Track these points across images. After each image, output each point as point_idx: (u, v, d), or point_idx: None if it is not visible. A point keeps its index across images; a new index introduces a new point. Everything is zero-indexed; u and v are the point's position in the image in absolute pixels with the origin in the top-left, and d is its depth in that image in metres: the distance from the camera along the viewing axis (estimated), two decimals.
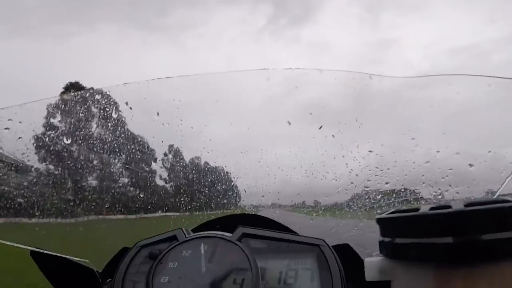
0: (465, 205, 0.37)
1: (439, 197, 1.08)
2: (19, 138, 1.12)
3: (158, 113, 1.22)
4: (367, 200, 1.18)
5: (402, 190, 1.17)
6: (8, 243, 0.83)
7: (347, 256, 0.76)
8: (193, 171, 1.57)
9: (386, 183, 1.15)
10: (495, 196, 0.90)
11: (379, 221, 0.46)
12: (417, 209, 0.41)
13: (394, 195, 1.17)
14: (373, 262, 0.45)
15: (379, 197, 1.17)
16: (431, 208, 0.39)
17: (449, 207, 0.37)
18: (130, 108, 1.24)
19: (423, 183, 1.11)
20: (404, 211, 0.42)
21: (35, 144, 1.22)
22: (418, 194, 1.15)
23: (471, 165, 1.04)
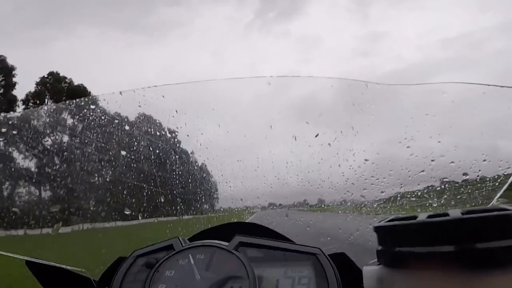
0: (463, 213, 0.37)
1: (435, 205, 1.08)
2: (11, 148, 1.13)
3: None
4: (363, 209, 1.19)
5: (398, 198, 1.18)
6: (4, 253, 0.82)
7: (344, 264, 0.76)
8: (190, 179, 1.57)
9: (382, 191, 1.15)
10: (490, 204, 0.90)
11: (376, 229, 0.46)
12: (414, 217, 0.41)
13: (390, 204, 1.18)
14: (371, 271, 0.45)
15: (375, 205, 1.17)
16: (429, 216, 0.39)
17: (447, 215, 0.38)
18: (126, 116, 1.25)
19: (419, 191, 1.12)
20: (402, 219, 0.42)
21: (29, 153, 1.21)
22: (414, 203, 1.15)
23: (465, 174, 1.05)
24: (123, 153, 1.46)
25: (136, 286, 0.71)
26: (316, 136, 1.19)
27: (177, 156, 1.49)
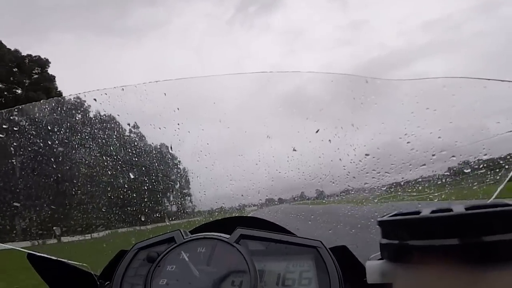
0: (466, 208, 0.37)
1: (436, 200, 1.08)
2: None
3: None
4: (364, 202, 1.19)
5: (399, 192, 1.18)
6: (5, 245, 0.83)
7: (345, 258, 0.76)
8: (192, 174, 1.56)
9: (383, 186, 1.16)
10: (492, 199, 0.91)
11: (380, 223, 0.46)
12: (418, 212, 0.41)
13: (391, 197, 1.18)
14: (375, 265, 0.45)
15: (376, 200, 1.18)
16: (433, 211, 0.39)
17: (450, 210, 0.38)
18: (118, 114, 1.24)
19: (420, 185, 1.12)
20: (406, 213, 0.42)
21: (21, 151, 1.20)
22: (414, 197, 1.15)
23: (466, 168, 1.05)
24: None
25: (138, 281, 0.71)
26: (317, 131, 1.19)
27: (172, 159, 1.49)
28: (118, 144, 1.39)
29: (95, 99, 1.16)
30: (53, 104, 1.28)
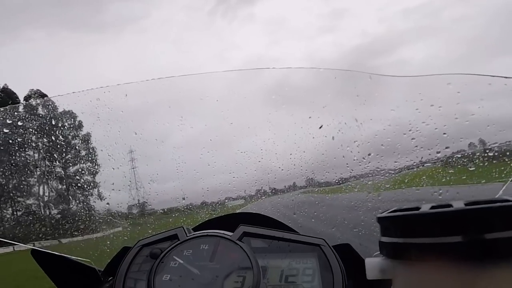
0: (466, 204, 0.37)
1: (440, 197, 1.08)
2: None
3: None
4: (368, 199, 1.18)
5: (403, 189, 1.17)
6: (8, 241, 0.83)
7: (348, 255, 0.76)
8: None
9: (387, 183, 1.15)
10: (497, 196, 0.90)
11: (379, 220, 0.45)
12: (417, 208, 0.40)
13: (395, 195, 1.18)
14: (374, 262, 0.45)
15: (380, 197, 1.17)
16: (432, 207, 0.39)
17: (450, 206, 0.37)
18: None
19: (424, 182, 1.12)
20: (405, 210, 0.42)
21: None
22: (418, 194, 1.15)
23: (471, 166, 1.04)
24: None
25: (141, 276, 0.71)
26: (320, 127, 1.18)
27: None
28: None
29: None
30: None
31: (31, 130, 1.27)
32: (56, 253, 0.84)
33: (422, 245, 0.37)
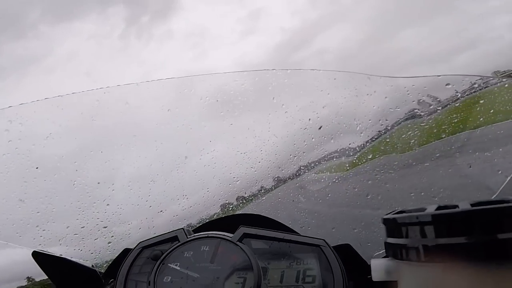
0: (472, 205, 0.37)
1: (440, 195, 1.08)
2: None
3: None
4: (369, 201, 1.18)
5: (404, 190, 1.17)
6: (9, 243, 0.83)
7: (349, 256, 0.76)
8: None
9: (386, 184, 1.15)
10: (495, 196, 0.90)
11: (385, 221, 0.45)
12: (423, 209, 0.40)
13: (395, 196, 1.18)
14: (380, 263, 0.45)
15: (379, 197, 1.17)
16: (438, 208, 0.39)
17: (456, 207, 0.37)
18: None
19: (425, 184, 1.12)
20: (411, 211, 0.42)
21: None
22: (419, 195, 1.15)
23: (470, 165, 1.04)
24: None
25: (142, 278, 0.72)
26: (320, 128, 1.18)
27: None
28: None
29: None
30: None
31: None
32: (57, 255, 0.84)
33: (428, 246, 0.37)
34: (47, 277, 0.84)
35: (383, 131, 1.17)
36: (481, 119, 1.06)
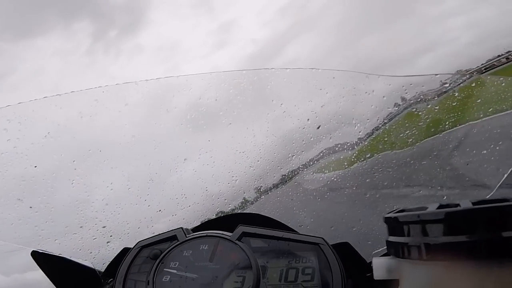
0: (473, 203, 0.37)
1: (438, 194, 1.09)
2: None
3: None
4: (366, 200, 1.19)
5: (403, 189, 1.18)
6: (9, 243, 0.83)
7: (347, 254, 0.76)
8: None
9: (385, 183, 1.16)
10: (491, 193, 0.91)
11: (386, 219, 0.46)
12: (424, 208, 0.41)
13: (394, 195, 1.18)
14: (381, 262, 0.45)
15: (378, 196, 1.18)
16: (439, 207, 0.39)
17: (458, 205, 0.38)
18: None
19: (423, 182, 1.12)
20: (412, 209, 0.42)
21: None
22: (418, 193, 1.15)
23: (468, 163, 1.05)
24: None
25: (141, 278, 0.72)
26: (318, 127, 1.19)
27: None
28: None
29: None
30: None
31: None
32: (56, 255, 0.84)
33: (430, 245, 0.37)
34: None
35: (381, 130, 1.17)
36: (480, 115, 1.06)
